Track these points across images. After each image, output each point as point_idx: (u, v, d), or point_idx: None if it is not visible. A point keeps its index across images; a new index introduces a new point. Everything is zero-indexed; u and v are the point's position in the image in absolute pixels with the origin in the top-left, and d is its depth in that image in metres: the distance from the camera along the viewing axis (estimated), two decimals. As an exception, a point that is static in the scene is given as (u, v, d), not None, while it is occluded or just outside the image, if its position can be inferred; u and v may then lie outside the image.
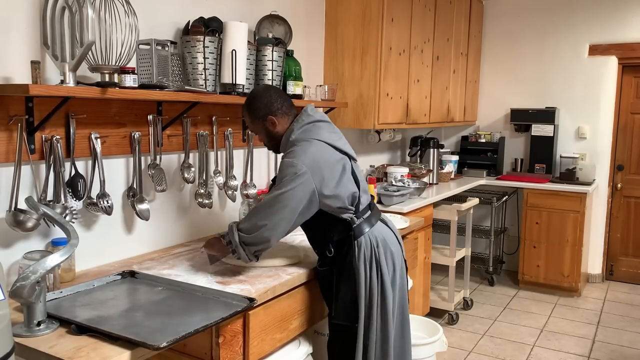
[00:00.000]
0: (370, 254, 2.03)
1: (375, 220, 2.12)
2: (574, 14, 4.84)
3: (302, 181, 1.88)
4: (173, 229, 2.47)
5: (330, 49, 3.56)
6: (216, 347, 1.73)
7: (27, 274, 1.44)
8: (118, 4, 1.90)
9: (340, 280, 2.04)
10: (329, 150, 1.98)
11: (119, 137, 2.15)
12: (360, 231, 2.03)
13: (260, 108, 2.04)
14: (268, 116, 2.03)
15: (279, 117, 2.04)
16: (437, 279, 4.73)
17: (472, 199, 4.17)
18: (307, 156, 1.91)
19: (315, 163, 1.91)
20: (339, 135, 2.09)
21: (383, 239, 2.08)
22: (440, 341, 2.78)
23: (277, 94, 2.07)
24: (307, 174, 1.88)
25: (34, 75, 1.72)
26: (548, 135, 4.82)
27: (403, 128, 4.23)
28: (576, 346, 3.61)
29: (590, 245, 4.90)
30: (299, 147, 1.96)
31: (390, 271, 2.08)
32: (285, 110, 2.06)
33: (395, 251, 2.12)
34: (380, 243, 2.06)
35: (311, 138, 1.98)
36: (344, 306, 2.03)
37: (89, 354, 1.37)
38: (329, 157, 1.97)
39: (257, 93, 2.08)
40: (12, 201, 1.76)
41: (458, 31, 4.64)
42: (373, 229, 2.07)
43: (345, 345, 2.04)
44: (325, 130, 2.03)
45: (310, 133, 2.00)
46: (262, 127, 2.07)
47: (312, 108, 2.10)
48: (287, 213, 1.89)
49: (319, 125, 2.04)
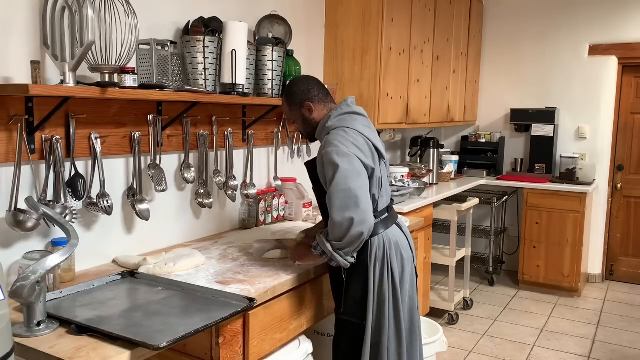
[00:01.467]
0: (382, 254, 2.03)
1: (391, 224, 2.12)
2: (574, 14, 4.84)
3: (349, 161, 1.88)
4: (173, 229, 2.47)
5: (330, 49, 3.56)
6: (216, 347, 1.73)
7: (27, 274, 1.44)
8: (118, 4, 1.90)
9: (351, 276, 2.03)
10: (363, 140, 1.99)
11: (119, 137, 2.15)
12: (375, 231, 2.03)
13: (297, 94, 2.09)
14: (305, 102, 2.07)
15: (316, 103, 2.08)
16: (437, 279, 4.73)
17: (472, 199, 4.17)
18: (344, 142, 1.93)
19: (353, 145, 1.93)
20: (374, 132, 2.10)
21: (396, 242, 2.08)
22: (440, 341, 2.78)
23: (314, 82, 2.13)
24: (352, 157, 1.90)
25: (34, 75, 1.72)
26: (548, 135, 4.82)
27: (403, 128, 4.23)
28: (576, 346, 3.61)
29: (590, 245, 4.90)
30: (334, 135, 1.96)
31: (399, 274, 2.08)
32: (322, 97, 2.10)
33: (407, 257, 2.12)
34: (393, 246, 2.06)
35: (347, 127, 1.99)
36: (353, 303, 2.03)
37: (89, 354, 1.37)
38: (364, 145, 1.97)
39: (296, 80, 2.15)
40: (12, 201, 1.76)
41: (458, 31, 4.64)
42: (387, 232, 2.07)
43: (351, 342, 2.05)
44: (361, 123, 2.04)
45: (346, 122, 2.02)
46: (299, 114, 2.11)
47: (353, 100, 2.13)
48: (361, 197, 1.87)
49: (355, 117, 2.06)
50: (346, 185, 1.86)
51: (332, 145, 1.93)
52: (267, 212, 2.89)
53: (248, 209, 2.82)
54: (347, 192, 1.86)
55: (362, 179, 1.90)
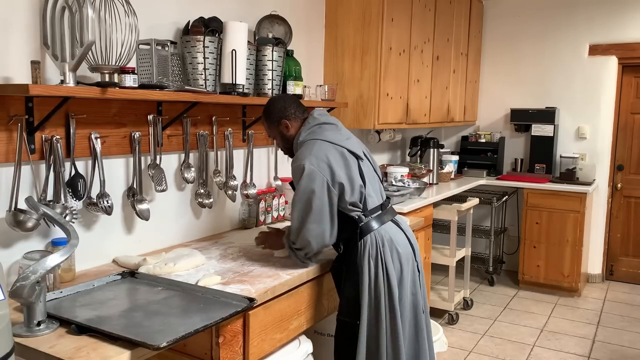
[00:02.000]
0: (375, 252, 2.05)
1: (387, 220, 2.14)
2: (574, 14, 4.84)
3: (313, 180, 1.99)
4: (173, 229, 2.47)
5: (330, 49, 3.56)
6: (216, 347, 1.73)
7: (27, 274, 1.43)
8: (118, 4, 1.90)
9: (346, 277, 2.07)
10: (332, 147, 2.06)
11: (119, 137, 2.15)
12: (367, 229, 2.07)
13: (274, 112, 2.19)
14: (282, 120, 2.18)
15: (292, 120, 2.18)
16: (437, 279, 4.73)
17: (472, 199, 4.17)
18: (310, 155, 2.02)
19: (318, 158, 2.01)
20: (346, 136, 2.16)
21: (390, 238, 2.10)
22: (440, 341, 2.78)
23: (290, 99, 2.23)
24: (314, 171, 1.99)
25: (34, 75, 1.72)
26: (548, 135, 4.82)
27: (403, 128, 4.23)
28: (576, 346, 3.61)
29: (590, 245, 4.90)
30: (303, 148, 2.08)
31: (397, 271, 2.09)
32: (298, 114, 2.19)
33: (404, 253, 2.12)
34: (387, 242, 2.08)
35: (315, 138, 2.08)
36: (347, 303, 2.06)
37: (89, 354, 1.37)
38: (331, 152, 2.05)
39: (273, 99, 2.25)
40: (12, 201, 1.76)
41: (458, 31, 4.64)
42: (381, 228, 2.09)
43: (347, 342, 2.06)
44: (330, 132, 2.12)
45: (315, 134, 2.11)
46: (278, 131, 2.22)
47: (320, 112, 2.21)
48: (315, 216, 2.00)
49: (324, 127, 2.14)
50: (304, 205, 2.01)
51: (299, 159, 2.05)
52: (267, 212, 2.89)
53: (248, 209, 2.82)
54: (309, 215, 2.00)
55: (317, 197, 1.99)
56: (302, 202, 2.01)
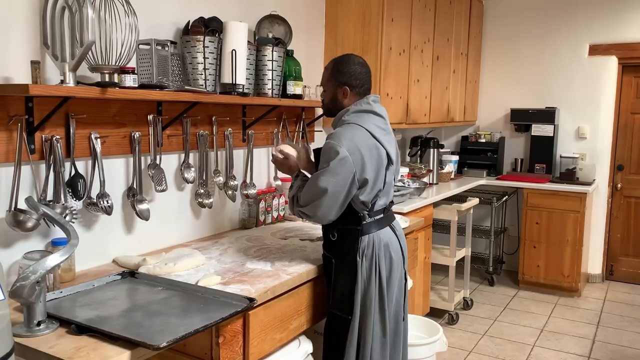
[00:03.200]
0: (371, 253, 2.06)
1: (385, 225, 2.14)
2: (574, 14, 4.84)
3: (343, 166, 1.93)
4: (173, 229, 2.47)
5: (330, 49, 3.56)
6: (216, 347, 1.73)
7: (27, 274, 1.43)
8: (118, 4, 1.90)
9: (340, 270, 2.07)
10: (372, 142, 2.01)
11: (119, 137, 2.15)
12: (367, 229, 2.07)
13: (344, 74, 2.08)
14: (345, 85, 2.08)
15: (353, 92, 2.09)
16: (437, 279, 4.73)
17: (472, 199, 4.17)
18: (348, 140, 1.96)
19: (355, 146, 1.95)
20: (389, 135, 2.10)
21: (386, 242, 2.11)
22: (440, 341, 2.78)
23: (367, 74, 2.12)
24: (348, 159, 1.93)
25: (34, 75, 1.72)
26: (548, 135, 4.82)
27: (403, 128, 4.23)
28: (576, 346, 3.61)
29: (590, 245, 4.90)
30: (344, 129, 2.01)
31: (387, 275, 2.10)
32: (362, 91, 2.10)
33: (396, 259, 2.13)
34: (383, 246, 2.09)
35: (359, 124, 2.02)
36: (341, 298, 2.07)
37: (89, 354, 1.37)
38: (370, 147, 2.00)
39: (351, 58, 2.11)
40: (12, 201, 1.76)
41: (458, 31, 4.64)
42: (379, 232, 2.10)
43: (338, 336, 2.07)
44: (375, 124, 2.05)
45: (361, 120, 2.04)
46: (333, 90, 2.12)
47: (375, 98, 2.13)
48: (333, 202, 1.96)
49: (372, 116, 2.07)
50: (324, 185, 1.95)
51: (336, 139, 1.97)
52: (267, 212, 2.89)
53: (248, 209, 2.82)
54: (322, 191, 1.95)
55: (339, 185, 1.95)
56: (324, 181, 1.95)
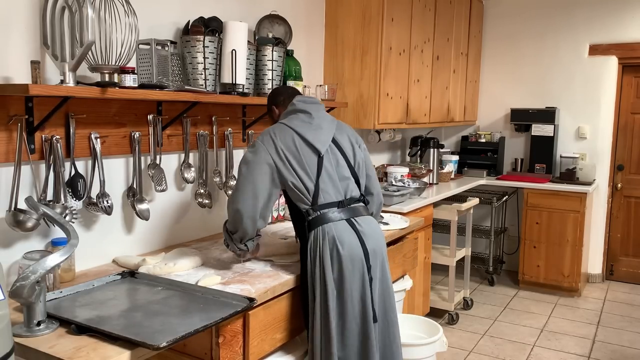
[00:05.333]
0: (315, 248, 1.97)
1: (338, 218, 2.00)
2: (574, 14, 4.84)
3: (256, 154, 2.00)
4: (173, 229, 2.47)
5: (330, 48, 3.56)
6: (216, 347, 1.73)
7: (27, 274, 1.43)
8: (118, 4, 1.90)
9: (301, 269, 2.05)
10: (291, 136, 2.03)
11: (118, 137, 2.15)
12: (313, 224, 1.98)
13: (270, 99, 2.28)
14: (272, 106, 2.25)
15: (280, 107, 2.24)
16: (437, 279, 4.73)
17: (472, 199, 4.17)
18: (263, 135, 2.05)
19: (269, 135, 2.04)
20: (316, 128, 2.05)
21: (333, 237, 1.96)
22: (440, 341, 2.78)
23: (286, 89, 2.27)
24: (261, 147, 2.01)
25: (34, 75, 1.72)
26: (548, 135, 4.82)
27: (403, 128, 4.23)
28: (576, 346, 3.61)
29: (590, 245, 4.90)
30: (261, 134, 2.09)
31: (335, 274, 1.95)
32: (286, 102, 2.22)
33: (347, 255, 1.96)
34: (328, 241, 1.95)
35: (283, 123, 2.09)
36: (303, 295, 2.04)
37: (88, 354, 1.37)
38: (287, 135, 2.03)
39: (274, 88, 2.34)
40: (12, 201, 1.76)
41: (458, 31, 4.64)
42: (327, 225, 1.97)
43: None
44: (299, 120, 2.09)
45: (286, 120, 2.11)
46: (271, 115, 2.29)
47: (301, 98, 2.17)
48: (249, 186, 1.98)
49: (298, 115, 2.12)
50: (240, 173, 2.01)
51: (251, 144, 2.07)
52: (267, 212, 2.89)
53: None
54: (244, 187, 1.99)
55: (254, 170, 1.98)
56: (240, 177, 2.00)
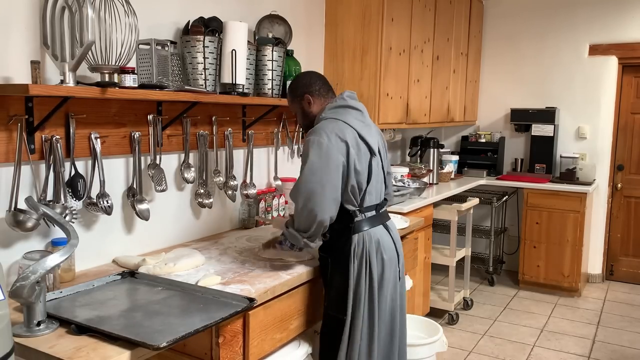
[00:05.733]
0: (361, 252, 2.04)
1: (378, 223, 2.12)
2: (574, 14, 4.84)
3: (329, 157, 1.93)
4: (173, 229, 2.47)
5: (330, 49, 3.56)
6: (216, 347, 1.73)
7: (27, 274, 1.43)
8: (118, 4, 1.90)
9: (335, 271, 2.06)
10: (351, 132, 2.01)
11: (118, 137, 2.15)
12: (359, 227, 2.05)
13: (299, 87, 2.16)
14: (305, 95, 2.13)
15: (315, 97, 2.13)
16: (437, 279, 4.73)
17: (472, 199, 4.17)
18: (328, 131, 1.97)
19: (337, 137, 1.96)
20: (368, 127, 2.10)
21: (377, 241, 2.08)
22: (440, 341, 2.78)
23: (317, 76, 2.18)
24: (331, 149, 1.93)
25: (34, 75, 1.72)
26: (548, 135, 4.82)
27: (403, 128, 4.23)
28: (576, 346, 3.61)
29: (590, 245, 4.90)
30: (321, 124, 2.02)
31: (378, 275, 2.07)
32: (322, 92, 2.14)
33: (388, 259, 2.10)
34: (374, 244, 2.07)
35: (337, 119, 2.03)
36: (335, 297, 2.06)
37: (88, 354, 1.37)
38: (349, 135, 2.00)
39: (300, 74, 2.22)
40: (12, 201, 1.76)
41: (458, 31, 4.64)
42: (370, 230, 2.08)
43: (332, 336, 2.07)
44: (353, 117, 2.06)
45: (338, 114, 2.05)
46: (299, 106, 2.17)
47: (350, 94, 2.15)
48: (329, 193, 1.94)
49: (349, 110, 2.08)
50: (314, 179, 1.93)
51: (315, 133, 1.98)
52: (267, 212, 2.89)
53: (248, 209, 2.82)
54: (313, 185, 1.92)
55: (330, 172, 1.93)
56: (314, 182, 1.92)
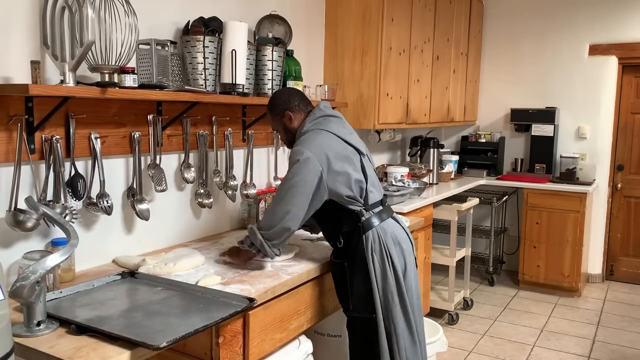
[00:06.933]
0: (379, 247, 2.06)
1: (387, 216, 2.15)
2: (574, 14, 4.84)
3: (308, 165, 1.97)
4: (173, 229, 2.47)
5: (330, 48, 3.56)
6: (216, 347, 1.73)
7: (27, 274, 1.43)
8: (118, 4, 1.90)
9: (353, 273, 2.07)
10: (336, 140, 2.07)
11: (118, 137, 2.15)
12: (369, 224, 2.07)
13: (278, 104, 2.19)
14: (285, 111, 2.17)
15: (296, 112, 2.17)
16: (437, 279, 4.73)
17: (472, 199, 4.17)
18: (311, 143, 2.02)
19: (319, 147, 2.01)
20: (350, 131, 2.18)
21: (393, 233, 2.12)
22: (440, 341, 2.78)
23: (295, 92, 2.24)
24: (312, 158, 1.98)
25: (34, 75, 1.72)
26: (548, 135, 4.82)
27: (403, 128, 4.23)
28: (576, 346, 3.61)
29: (590, 245, 4.90)
30: (306, 136, 2.07)
31: (402, 266, 2.11)
32: (302, 107, 2.19)
33: (407, 249, 2.15)
34: (390, 237, 2.10)
35: (320, 129, 2.08)
36: (360, 298, 2.06)
37: (88, 354, 1.37)
38: (334, 145, 2.05)
39: (277, 92, 2.26)
40: (12, 201, 1.76)
41: (458, 31, 4.64)
42: (382, 224, 2.10)
43: (365, 337, 2.07)
44: (335, 124, 2.12)
45: (320, 125, 2.10)
46: (280, 123, 2.20)
47: (326, 104, 2.21)
48: (300, 199, 1.97)
49: (329, 119, 2.14)
50: (289, 183, 1.98)
51: (299, 145, 2.03)
52: (267, 212, 2.89)
53: (248, 208, 2.82)
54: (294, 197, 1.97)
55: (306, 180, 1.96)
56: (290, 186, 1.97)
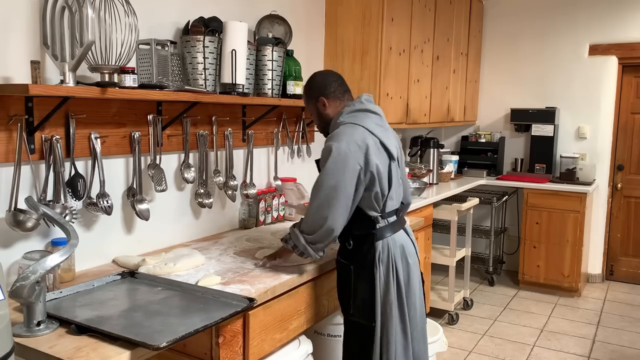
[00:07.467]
0: (387, 258, 2.03)
1: (399, 228, 2.11)
2: (574, 14, 4.84)
3: (347, 164, 1.90)
4: (173, 229, 2.47)
5: (330, 49, 3.56)
6: (216, 347, 1.73)
7: (27, 274, 1.43)
8: (118, 4, 1.90)
9: (359, 278, 2.04)
10: (372, 139, 1.97)
11: (118, 137, 2.15)
12: (382, 234, 2.03)
13: (314, 88, 2.12)
14: (320, 97, 2.09)
15: (331, 99, 2.09)
16: (437, 279, 4.73)
17: (472, 199, 4.17)
18: (347, 138, 1.93)
19: (354, 142, 1.92)
20: (387, 132, 2.07)
21: (402, 246, 2.08)
22: (440, 341, 2.78)
23: (333, 77, 2.13)
24: (348, 156, 1.90)
25: (34, 75, 1.72)
26: (548, 135, 4.82)
27: (403, 128, 4.23)
28: (576, 346, 3.61)
29: (590, 245, 4.90)
30: (340, 129, 1.98)
31: (405, 279, 2.07)
32: (338, 94, 2.10)
33: (412, 263, 2.11)
34: (399, 250, 2.06)
35: (356, 123, 1.99)
36: (362, 305, 2.03)
37: (88, 354, 1.37)
38: (370, 142, 1.96)
39: (317, 74, 2.17)
40: (12, 201, 1.76)
41: (458, 31, 4.64)
42: (394, 236, 2.07)
43: (361, 343, 2.05)
44: (373, 122, 2.03)
45: (357, 119, 2.01)
46: (314, 107, 2.13)
47: (368, 98, 2.11)
48: (341, 202, 1.91)
49: (368, 115, 2.04)
50: (329, 184, 1.91)
51: (334, 139, 1.94)
52: (267, 212, 2.89)
53: (248, 209, 2.82)
54: (328, 190, 1.90)
55: (345, 181, 1.90)
56: (331, 187, 1.90)
